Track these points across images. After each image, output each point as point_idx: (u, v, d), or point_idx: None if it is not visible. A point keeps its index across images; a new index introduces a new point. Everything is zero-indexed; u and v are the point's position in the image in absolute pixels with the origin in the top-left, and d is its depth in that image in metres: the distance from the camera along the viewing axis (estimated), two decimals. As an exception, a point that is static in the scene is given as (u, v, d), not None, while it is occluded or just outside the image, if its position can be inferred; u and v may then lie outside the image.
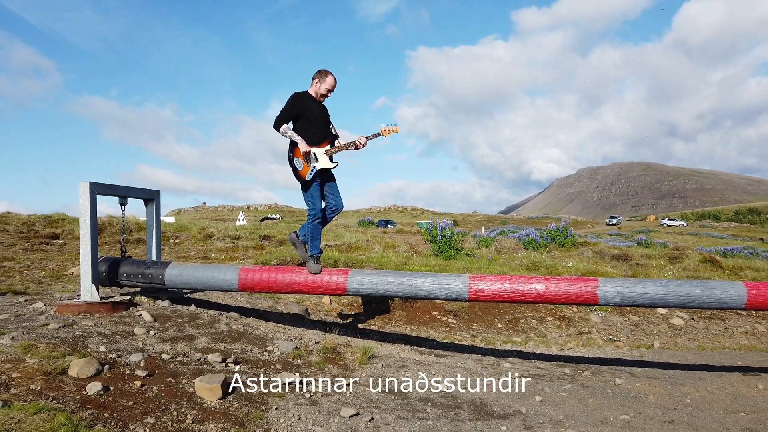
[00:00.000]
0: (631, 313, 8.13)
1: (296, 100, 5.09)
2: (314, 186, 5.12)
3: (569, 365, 5.57)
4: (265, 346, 4.55)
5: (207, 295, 6.42)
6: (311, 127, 5.09)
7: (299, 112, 5.07)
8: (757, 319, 8.14)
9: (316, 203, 5.17)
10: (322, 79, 5.16)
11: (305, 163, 5.02)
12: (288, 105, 5.08)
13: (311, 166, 5.03)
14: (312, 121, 5.10)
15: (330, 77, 5.18)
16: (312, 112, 5.12)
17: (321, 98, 5.22)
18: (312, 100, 5.17)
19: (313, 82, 5.21)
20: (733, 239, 39.80)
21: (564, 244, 15.17)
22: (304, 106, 5.09)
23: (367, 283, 5.05)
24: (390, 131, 5.07)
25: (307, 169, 5.03)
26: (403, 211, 76.16)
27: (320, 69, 5.20)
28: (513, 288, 4.86)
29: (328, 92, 5.21)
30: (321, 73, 5.18)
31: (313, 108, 5.14)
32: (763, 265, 12.83)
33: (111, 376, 3.34)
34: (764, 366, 5.90)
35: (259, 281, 5.17)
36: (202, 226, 15.43)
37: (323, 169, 5.10)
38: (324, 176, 5.18)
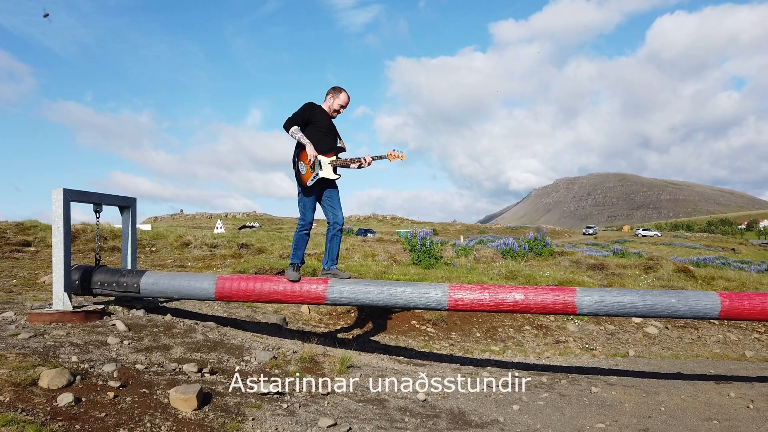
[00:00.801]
0: (607, 322, 8.23)
1: (310, 107, 5.12)
2: (312, 195, 5.13)
3: (547, 374, 5.61)
4: (242, 356, 4.49)
5: (183, 304, 6.33)
6: (319, 135, 5.11)
7: (310, 119, 5.09)
8: (728, 328, 8.30)
9: (307, 213, 5.16)
10: (335, 95, 5.23)
11: (309, 168, 5.01)
12: (301, 110, 5.09)
13: (314, 172, 5.03)
14: (321, 130, 5.12)
15: (344, 94, 5.24)
16: (322, 122, 5.15)
17: (333, 114, 5.28)
18: (324, 112, 5.21)
19: (326, 97, 5.27)
20: (706, 249, 40.64)
21: (542, 253, 15.33)
22: (316, 113, 5.12)
23: (346, 292, 5.03)
24: (395, 157, 5.14)
25: (310, 175, 5.03)
26: (383, 219, 76.19)
27: (334, 86, 5.29)
28: (492, 297, 4.89)
29: (341, 108, 5.28)
30: (335, 90, 5.26)
31: (324, 118, 5.18)
32: (735, 275, 13.12)
33: (83, 387, 3.26)
34: (736, 374, 6.01)
35: (236, 290, 5.12)
36: (179, 233, 15.22)
37: (325, 178, 5.10)
38: (326, 186, 5.19)
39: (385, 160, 5.17)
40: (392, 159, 5.15)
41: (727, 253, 35.93)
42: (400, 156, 5.14)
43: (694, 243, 51.22)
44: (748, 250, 49.11)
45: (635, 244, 43.29)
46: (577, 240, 51.08)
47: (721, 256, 27.03)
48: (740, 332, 8.20)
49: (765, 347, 7.71)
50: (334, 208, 5.23)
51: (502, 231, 63.01)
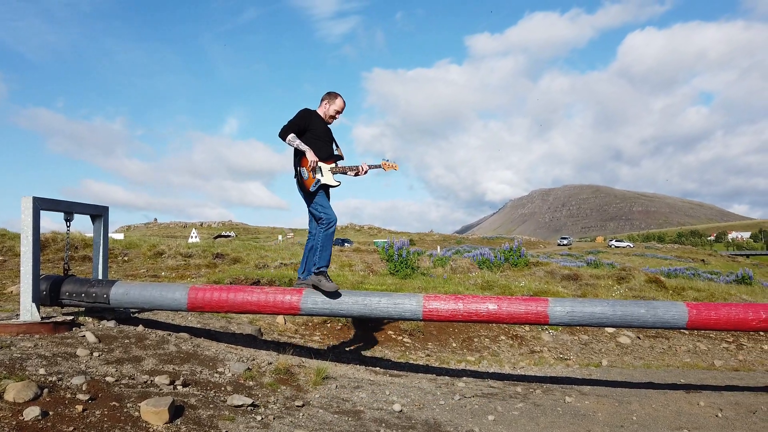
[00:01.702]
0: (581, 332, 8.34)
1: (305, 114, 5.09)
2: (321, 195, 5.09)
3: (521, 384, 5.66)
4: (216, 368, 4.43)
5: (156, 314, 6.23)
6: (317, 142, 5.07)
7: (307, 126, 5.05)
8: (698, 338, 8.48)
9: (329, 211, 5.09)
10: (331, 100, 5.19)
11: (311, 173, 5.00)
12: (296, 117, 5.05)
13: (316, 178, 5.02)
14: (318, 137, 5.09)
15: (339, 99, 5.20)
16: (319, 129, 5.12)
17: (329, 120, 5.24)
18: (320, 119, 5.17)
19: (322, 103, 5.22)
20: (677, 260, 41.51)
21: (517, 263, 15.48)
22: (312, 120, 5.08)
23: (321, 302, 5.02)
24: (389, 167, 5.22)
25: (312, 180, 5.01)
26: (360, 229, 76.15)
27: (329, 91, 5.23)
28: (467, 308, 4.92)
29: (336, 114, 5.23)
30: (330, 95, 5.21)
31: (321, 125, 5.15)
32: (704, 285, 13.43)
33: (50, 400, 3.18)
34: (705, 383, 6.14)
35: (210, 301, 5.06)
36: (153, 243, 14.99)
37: (326, 185, 5.11)
38: (325, 191, 5.17)
39: (380, 169, 5.23)
40: (387, 169, 5.22)
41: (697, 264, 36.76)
42: (393, 166, 5.22)
43: (665, 254, 52.29)
44: (717, 261, 50.34)
45: (608, 254, 43.99)
46: (552, 251, 51.71)
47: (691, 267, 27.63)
48: (710, 342, 8.38)
49: (733, 357, 7.89)
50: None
51: (479, 241, 63.50)
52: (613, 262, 25.06)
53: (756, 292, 13.11)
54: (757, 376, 6.71)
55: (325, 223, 5.10)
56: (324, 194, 5.14)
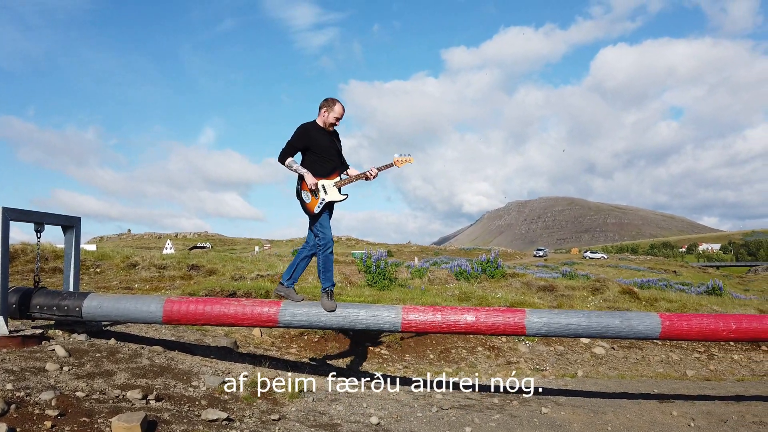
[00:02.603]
0: (556, 342, 8.41)
1: (302, 133, 5.01)
2: (325, 216, 5.05)
3: (498, 395, 5.67)
4: (191, 381, 4.35)
5: (128, 327, 6.11)
6: (320, 159, 5.02)
7: (306, 144, 5.00)
8: (671, 348, 8.62)
9: (327, 232, 5.05)
10: (330, 108, 5.08)
11: (313, 196, 4.96)
12: (294, 138, 4.99)
13: (320, 199, 4.96)
14: (321, 153, 5.02)
15: (338, 105, 5.09)
16: (321, 144, 5.03)
17: (330, 128, 5.14)
18: (320, 130, 5.08)
19: (320, 111, 5.12)
20: (650, 272, 42.28)
21: (494, 275, 15.59)
22: (311, 137, 5.00)
23: (299, 314, 4.98)
24: (404, 161, 5.05)
25: (316, 202, 4.97)
26: (338, 241, 75.93)
27: (327, 98, 5.14)
28: (445, 319, 4.93)
29: (336, 121, 5.12)
30: (328, 102, 5.10)
31: (322, 139, 5.05)
32: (676, 296, 13.69)
33: (18, 416, 3.09)
34: (678, 393, 6.23)
35: (185, 313, 4.98)
36: (126, 254, 14.73)
37: (332, 201, 5.05)
38: (332, 206, 5.14)
39: (393, 168, 5.08)
40: (401, 164, 5.05)
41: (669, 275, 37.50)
42: (407, 160, 5.05)
43: (639, 265, 53.22)
44: (688, 272, 51.45)
45: (583, 266, 44.59)
46: (528, 262, 52.20)
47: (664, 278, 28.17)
48: (682, 352, 8.53)
49: (705, 367, 8.04)
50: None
51: (456, 252, 63.79)
52: (588, 273, 25.41)
53: (726, 303, 13.41)
54: (728, 386, 6.84)
55: (321, 244, 5.08)
56: (327, 214, 5.10)
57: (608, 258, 70.11)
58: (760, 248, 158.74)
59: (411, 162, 5.05)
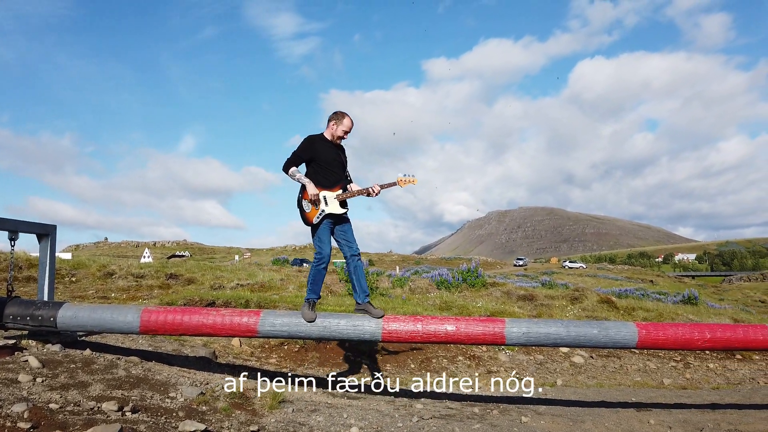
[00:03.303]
0: (536, 351, 8.46)
1: (308, 144, 5.02)
2: (323, 228, 5.02)
3: (479, 404, 5.68)
4: (168, 392, 4.29)
5: (104, 338, 6.00)
6: (323, 171, 5.02)
7: (312, 156, 5.01)
8: (648, 357, 8.73)
9: (324, 247, 5.03)
10: (339, 121, 5.10)
11: (313, 206, 4.94)
12: (299, 148, 5.01)
13: (319, 209, 4.94)
14: (324, 165, 5.03)
15: (347, 119, 5.12)
16: (326, 156, 5.04)
17: (338, 140, 5.16)
18: (326, 143, 5.10)
19: (329, 124, 5.14)
20: (627, 281, 42.84)
21: (475, 284, 15.66)
22: (316, 149, 5.02)
23: (279, 324, 4.94)
24: (407, 182, 5.04)
25: (315, 213, 4.95)
26: (319, 250, 75.43)
27: (336, 111, 5.16)
28: (425, 329, 4.93)
29: (345, 134, 5.15)
30: (337, 115, 5.12)
31: (327, 151, 5.06)
32: (653, 305, 13.89)
33: (-12, 430, 3.01)
34: (655, 402, 6.31)
35: (163, 323, 4.91)
36: (103, 263, 14.49)
37: (332, 213, 5.01)
38: (337, 220, 5.09)
39: (395, 187, 5.06)
40: (403, 185, 5.03)
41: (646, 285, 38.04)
42: (411, 180, 5.02)
43: (616, 275, 53.88)
44: (664, 281, 52.22)
45: (562, 275, 45.01)
46: (508, 271, 52.55)
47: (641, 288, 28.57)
48: (659, 361, 8.64)
49: (681, 375, 8.15)
50: (349, 241, 5.15)
51: (437, 262, 63.95)
52: (567, 282, 25.66)
53: (701, 312, 13.64)
54: (704, 394, 6.94)
55: (317, 258, 5.09)
56: (327, 227, 5.06)
57: (587, 267, 70.88)
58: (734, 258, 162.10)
59: (414, 183, 5.03)
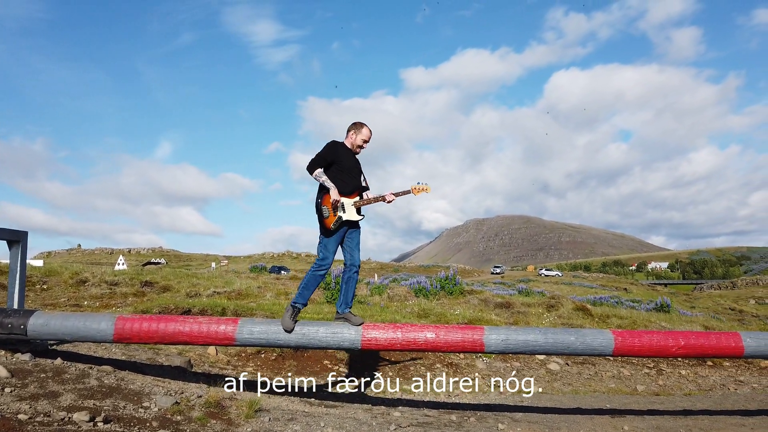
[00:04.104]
0: (513, 359, 8.52)
1: (333, 147, 5.05)
2: (335, 237, 5.02)
3: (456, 412, 5.69)
4: (141, 402, 4.20)
5: (76, 346, 5.86)
6: (343, 176, 5.03)
7: (333, 159, 5.01)
8: (622, 364, 8.86)
9: (329, 254, 5.03)
10: (358, 130, 5.17)
11: (332, 211, 4.92)
12: (324, 151, 5.01)
13: (337, 215, 4.94)
14: (345, 170, 5.05)
15: (366, 129, 5.19)
16: (346, 162, 5.07)
17: (357, 150, 5.21)
18: (347, 150, 5.14)
19: (348, 134, 5.20)
20: (602, 289, 43.43)
21: (452, 292, 15.71)
22: (339, 154, 5.04)
23: (257, 332, 4.89)
24: (420, 190, 5.11)
25: (333, 219, 4.94)
26: (298, 257, 75.15)
27: (355, 121, 5.22)
28: (405, 336, 4.93)
29: (364, 143, 5.21)
30: (357, 125, 5.19)
31: (348, 158, 5.11)
32: (627, 313, 14.10)
33: (-47, 442, 2.92)
34: (629, 408, 6.39)
35: (138, 331, 4.82)
36: (75, 270, 14.19)
37: (349, 220, 5.01)
38: (349, 227, 5.10)
39: (409, 195, 5.12)
40: (417, 193, 5.11)
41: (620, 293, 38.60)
42: (424, 189, 5.11)
43: (591, 283, 54.59)
44: (638, 289, 53.05)
45: (539, 283, 45.42)
46: (486, 279, 52.85)
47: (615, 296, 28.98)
48: (632, 368, 8.77)
49: (654, 382, 8.28)
50: (353, 249, 5.16)
51: (416, 269, 64.03)
52: (544, 290, 25.91)
53: (674, 320, 13.90)
54: (676, 400, 7.06)
55: (317, 263, 5.07)
56: (339, 236, 5.08)
57: (563, 275, 71.66)
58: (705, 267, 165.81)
59: (428, 191, 5.12)
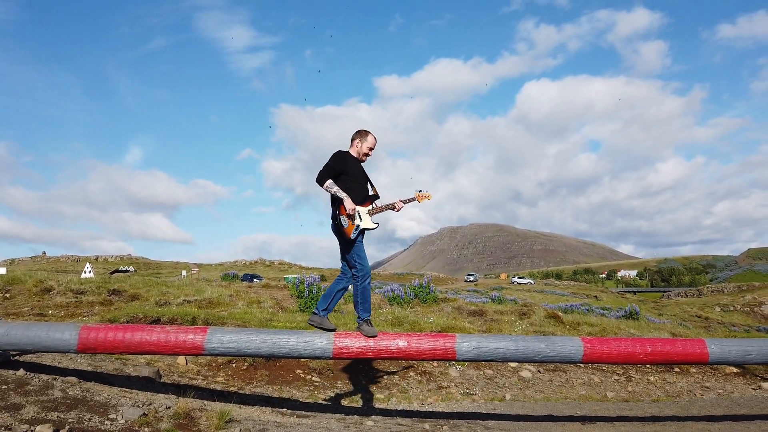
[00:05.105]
0: (485, 367, 8.56)
1: (340, 157, 5.03)
2: (359, 244, 5.01)
3: (429, 421, 5.69)
4: (107, 414, 4.10)
5: (40, 357, 5.69)
6: (353, 185, 5.03)
7: (342, 169, 5.00)
8: (593, 371, 8.98)
9: (364, 262, 5.02)
10: (363, 138, 5.18)
11: (350, 221, 4.91)
12: (332, 161, 4.99)
13: (355, 224, 4.94)
14: (353, 179, 5.05)
15: (371, 137, 5.21)
16: (355, 171, 5.08)
17: (363, 158, 5.22)
18: (354, 159, 5.14)
19: (353, 142, 5.19)
20: (573, 296, 44.12)
21: (426, 300, 15.76)
22: (347, 164, 5.03)
23: (227, 341, 4.82)
24: (423, 197, 5.23)
25: (352, 228, 4.93)
26: (270, 265, 74.48)
27: (360, 129, 5.21)
28: (377, 345, 4.92)
29: (370, 151, 5.23)
30: (361, 133, 5.20)
31: (356, 167, 5.11)
32: (597, 320, 14.33)
33: None
34: (599, 415, 6.48)
35: (103, 341, 4.71)
36: (40, 278, 13.79)
37: (366, 228, 5.02)
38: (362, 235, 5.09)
39: (414, 202, 5.23)
40: (420, 200, 5.23)
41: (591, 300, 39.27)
42: (426, 196, 5.24)
43: (563, 290, 55.40)
44: (608, 297, 54.03)
45: (511, 291, 45.91)
46: (459, 287, 53.15)
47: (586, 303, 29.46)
48: (602, 375, 8.90)
49: (623, 389, 8.41)
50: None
51: (390, 277, 64.05)
52: (516, 298, 26.19)
53: (642, 327, 14.16)
54: (645, 407, 7.18)
55: (360, 274, 5.05)
56: (362, 242, 5.09)
57: (534, 283, 72.56)
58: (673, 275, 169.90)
59: (429, 198, 5.27)
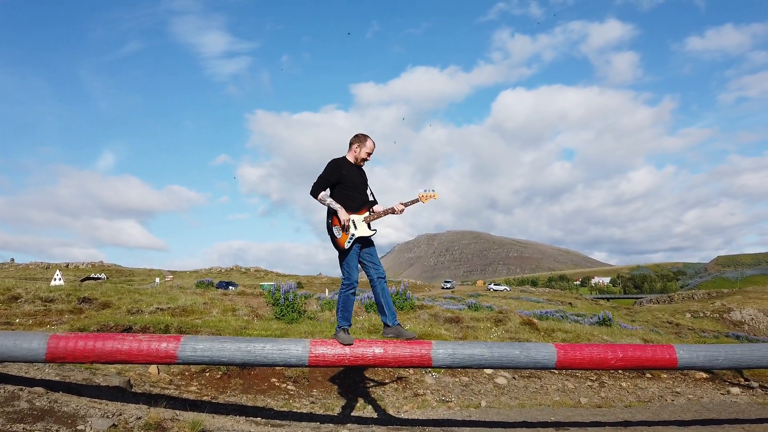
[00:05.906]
0: (461, 373, 8.59)
1: (334, 167, 4.99)
2: (352, 254, 4.99)
3: (405, 428, 5.68)
4: (76, 425, 4.00)
5: (6, 367, 5.53)
6: (350, 193, 4.99)
7: (338, 179, 4.96)
8: (566, 377, 9.08)
9: (352, 273, 5.01)
10: (361, 143, 5.11)
11: (344, 231, 4.88)
12: (326, 172, 4.95)
13: (350, 234, 4.90)
14: (350, 187, 5.00)
15: (369, 141, 5.14)
16: (351, 179, 5.02)
17: (361, 163, 5.16)
18: (351, 165, 5.08)
19: (351, 147, 5.13)
20: (548, 303, 44.55)
21: (403, 306, 15.77)
22: (342, 173, 4.98)
23: (200, 349, 4.76)
24: (428, 197, 5.12)
25: (346, 238, 4.90)
26: (246, 272, 73.78)
27: (358, 133, 5.15)
28: (353, 352, 4.91)
29: (368, 156, 5.16)
30: (360, 138, 5.13)
31: (353, 174, 5.05)
32: (571, 327, 14.51)
33: None
34: (573, 420, 6.55)
35: (73, 350, 4.60)
36: (7, 286, 13.45)
37: (362, 236, 4.98)
38: (363, 243, 5.06)
39: (418, 203, 5.14)
40: (425, 200, 5.12)
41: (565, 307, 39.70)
42: (432, 195, 5.13)
43: (538, 297, 55.93)
44: (582, 304, 54.74)
45: (488, 297, 46.20)
46: (436, 294, 53.27)
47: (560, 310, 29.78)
48: (576, 381, 9.00)
49: (597, 394, 8.52)
50: (375, 263, 5.16)
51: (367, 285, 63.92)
52: (492, 305, 26.37)
53: (615, 333, 14.39)
54: (617, 412, 7.28)
55: (345, 283, 5.08)
56: (356, 252, 5.06)
57: (510, 290, 73.13)
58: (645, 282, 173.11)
59: (435, 198, 5.15)
